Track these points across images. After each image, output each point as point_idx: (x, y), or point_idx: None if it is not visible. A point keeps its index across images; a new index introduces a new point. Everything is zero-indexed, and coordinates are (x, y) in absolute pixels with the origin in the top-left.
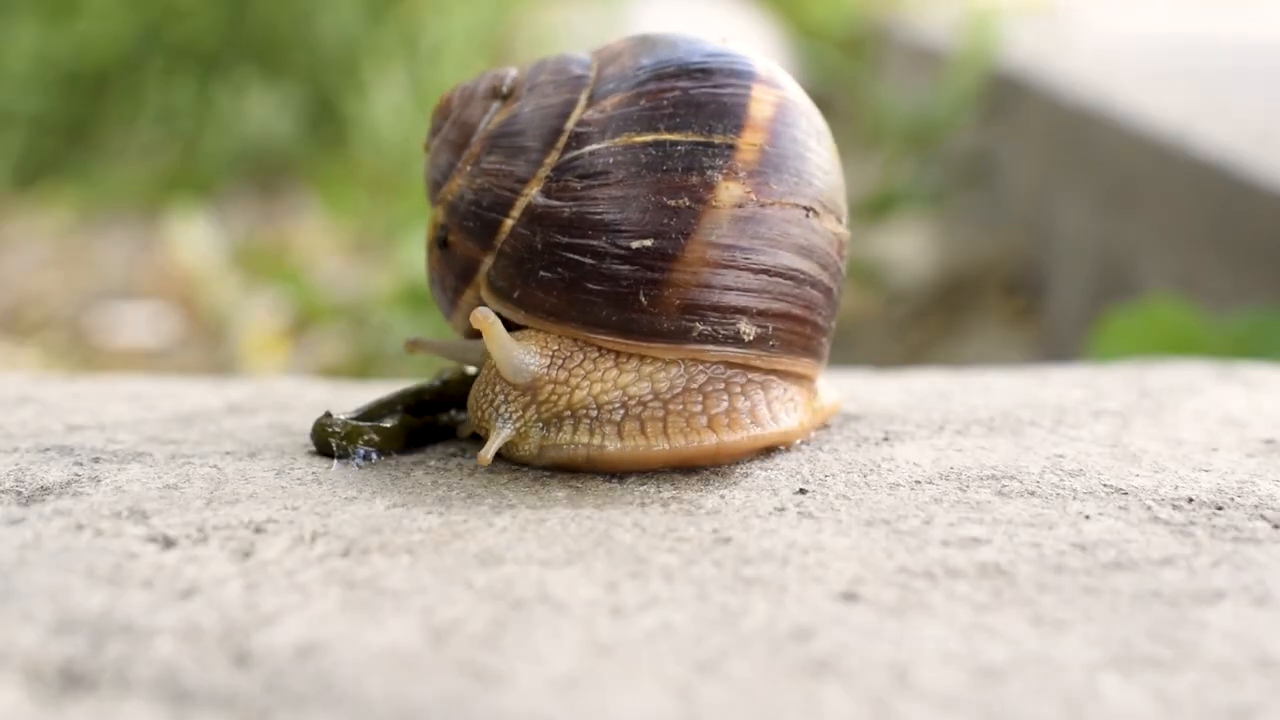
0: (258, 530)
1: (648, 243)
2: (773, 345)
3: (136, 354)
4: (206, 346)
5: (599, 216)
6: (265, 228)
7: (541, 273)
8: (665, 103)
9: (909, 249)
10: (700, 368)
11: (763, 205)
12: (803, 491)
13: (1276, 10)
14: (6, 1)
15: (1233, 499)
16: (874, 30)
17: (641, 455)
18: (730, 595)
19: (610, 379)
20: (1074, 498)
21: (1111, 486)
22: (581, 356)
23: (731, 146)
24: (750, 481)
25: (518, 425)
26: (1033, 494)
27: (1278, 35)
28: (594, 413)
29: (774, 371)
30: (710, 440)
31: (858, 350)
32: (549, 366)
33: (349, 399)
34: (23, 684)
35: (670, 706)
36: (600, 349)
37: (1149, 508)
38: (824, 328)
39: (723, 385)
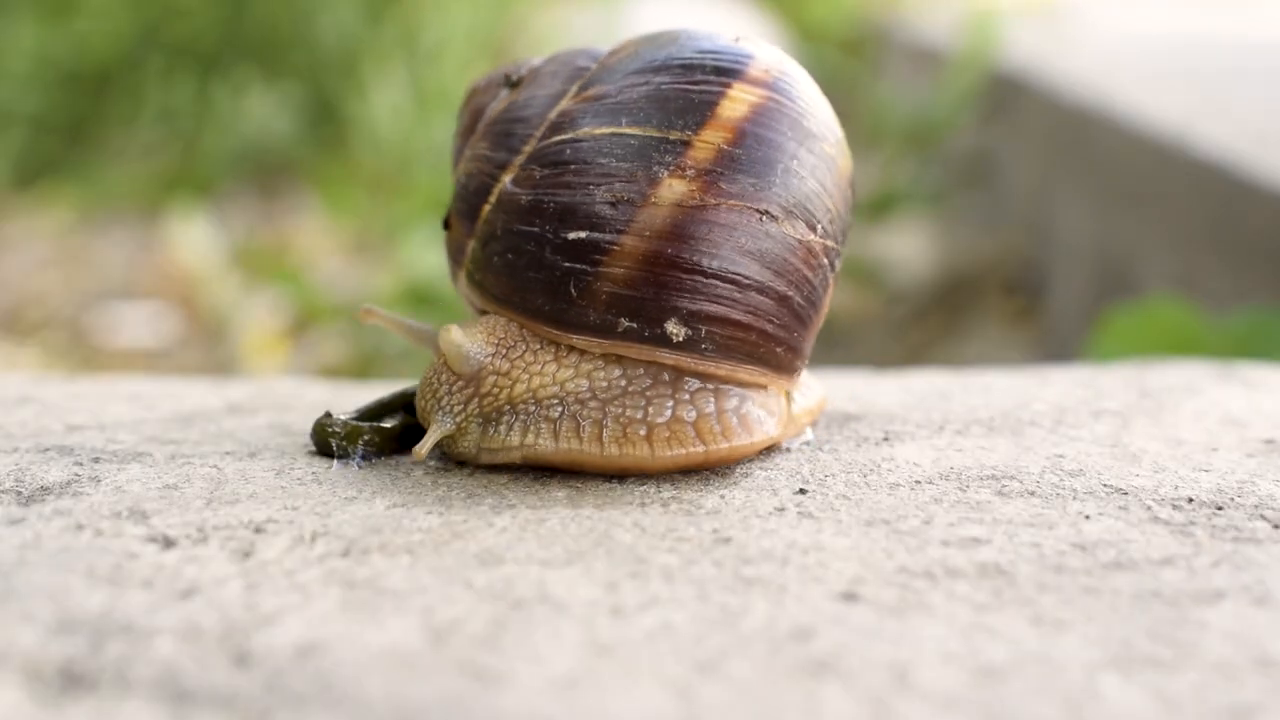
0: (258, 530)
1: (583, 234)
2: (706, 349)
3: (136, 354)
4: (206, 346)
5: (548, 205)
6: (265, 228)
7: (495, 258)
8: (634, 96)
9: (909, 249)
10: (641, 369)
11: (708, 205)
12: (803, 491)
13: (1276, 10)
14: (6, 1)
15: (1233, 499)
16: (874, 30)
17: (575, 459)
18: (730, 595)
19: (549, 373)
20: (1074, 498)
21: (1111, 486)
22: (524, 347)
23: (686, 143)
24: (750, 481)
25: (458, 419)
26: (1033, 494)
27: (1278, 35)
28: (532, 408)
29: (715, 377)
30: (643, 451)
31: (858, 350)
32: (493, 356)
33: (349, 399)
34: (23, 684)
35: (670, 706)
36: (542, 340)
37: (1149, 508)
38: (778, 336)
39: (668, 391)
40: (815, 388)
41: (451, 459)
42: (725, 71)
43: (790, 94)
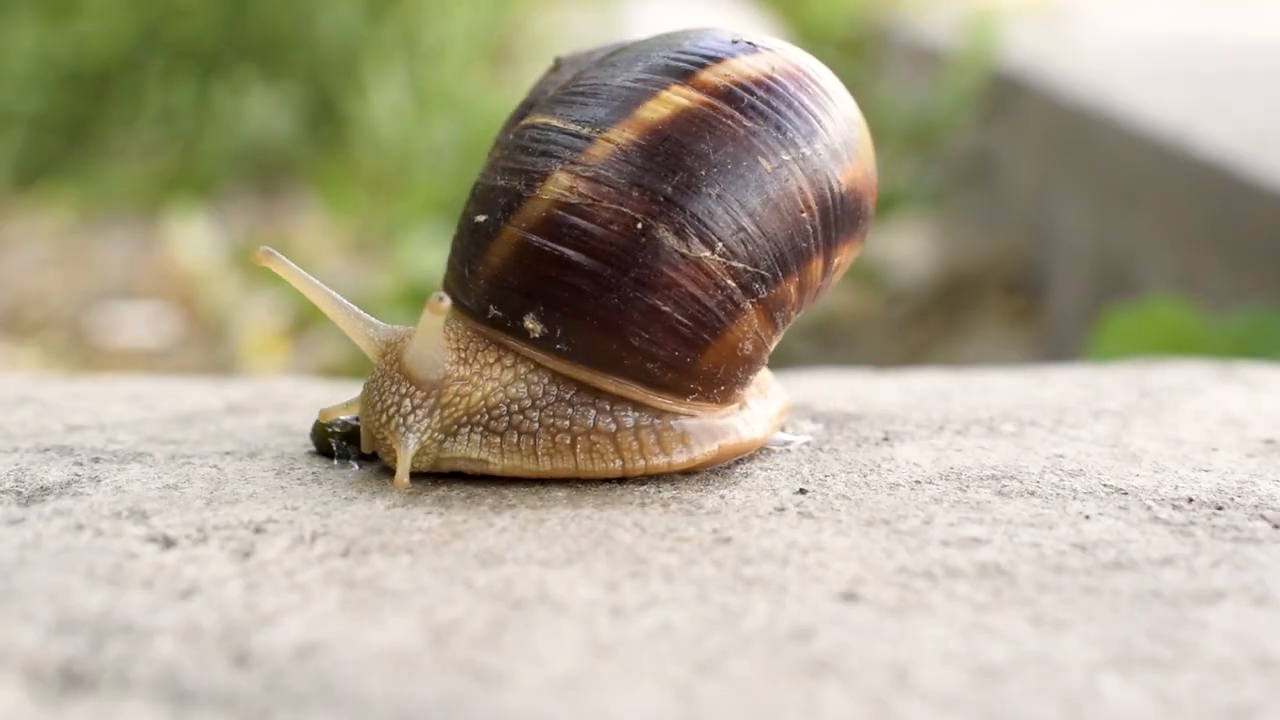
0: (258, 530)
1: (483, 218)
2: (560, 349)
3: (136, 354)
4: (206, 346)
5: (477, 188)
6: (265, 228)
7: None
8: (579, 89)
9: (909, 249)
10: (564, 378)
11: (582, 204)
12: (803, 491)
13: (1276, 10)
14: (6, 1)
15: (1233, 499)
16: (874, 30)
17: (520, 472)
18: (730, 595)
19: (495, 376)
20: (1074, 498)
21: (1111, 486)
22: (476, 347)
23: (589, 140)
24: (750, 481)
25: (422, 437)
26: (1033, 494)
27: (1278, 35)
28: (485, 420)
29: (590, 387)
30: (569, 464)
31: (858, 350)
32: (455, 362)
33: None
34: (23, 684)
35: (670, 706)
36: (486, 339)
37: (1149, 508)
38: (648, 351)
39: (590, 399)
40: (762, 417)
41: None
42: (674, 72)
43: (743, 104)
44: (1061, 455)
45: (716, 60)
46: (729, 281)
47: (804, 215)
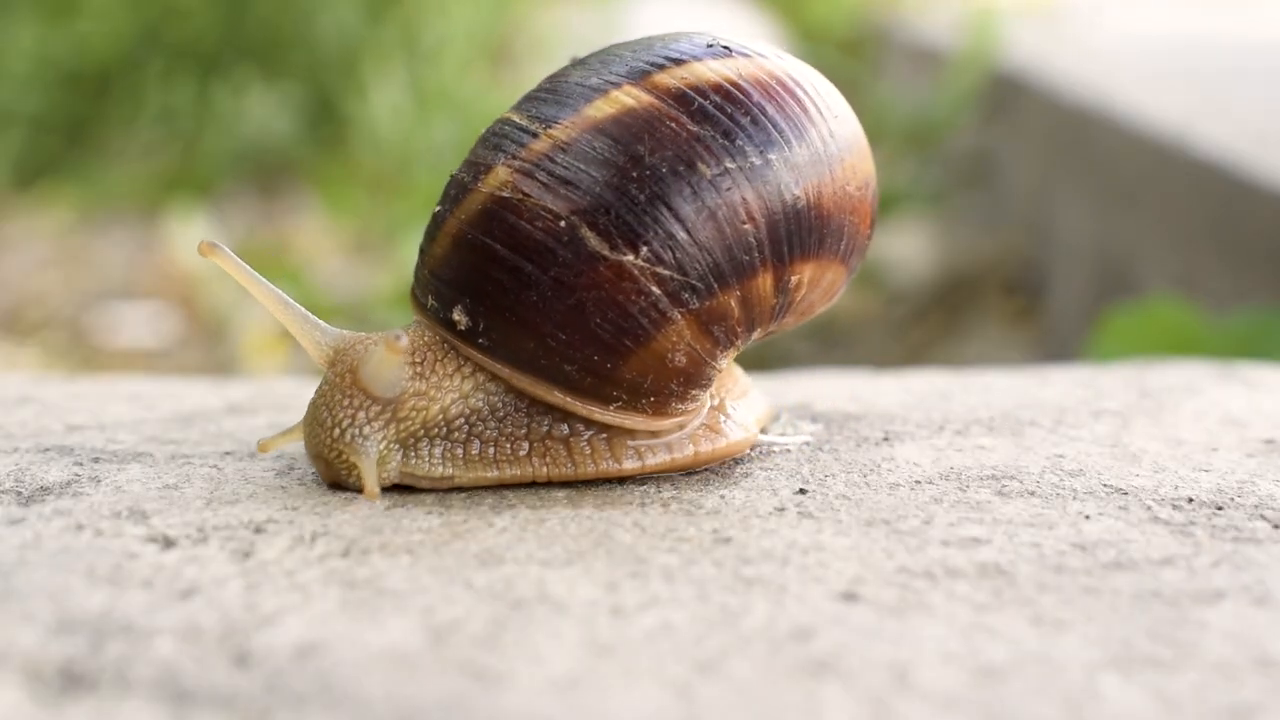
0: (258, 530)
1: (436, 209)
2: (483, 344)
3: (136, 354)
4: (206, 346)
5: (446, 183)
6: (265, 228)
7: None
8: (546, 85)
9: (909, 249)
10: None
11: (513, 198)
12: (803, 491)
13: (1276, 10)
14: (6, 1)
15: (1233, 499)
16: (874, 30)
17: (483, 482)
18: (730, 595)
19: (455, 386)
20: (1074, 498)
21: (1111, 486)
22: (435, 357)
23: (534, 135)
24: (750, 481)
25: (380, 448)
26: (1033, 494)
27: (1278, 35)
28: (445, 431)
29: (516, 388)
30: (527, 470)
31: (858, 350)
32: (413, 377)
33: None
34: (23, 684)
35: (670, 706)
36: (445, 347)
37: (1149, 508)
38: (566, 354)
39: (545, 409)
40: (732, 425)
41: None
42: (633, 73)
43: (692, 108)
44: (1061, 455)
45: (678, 63)
46: (653, 288)
47: (746, 227)
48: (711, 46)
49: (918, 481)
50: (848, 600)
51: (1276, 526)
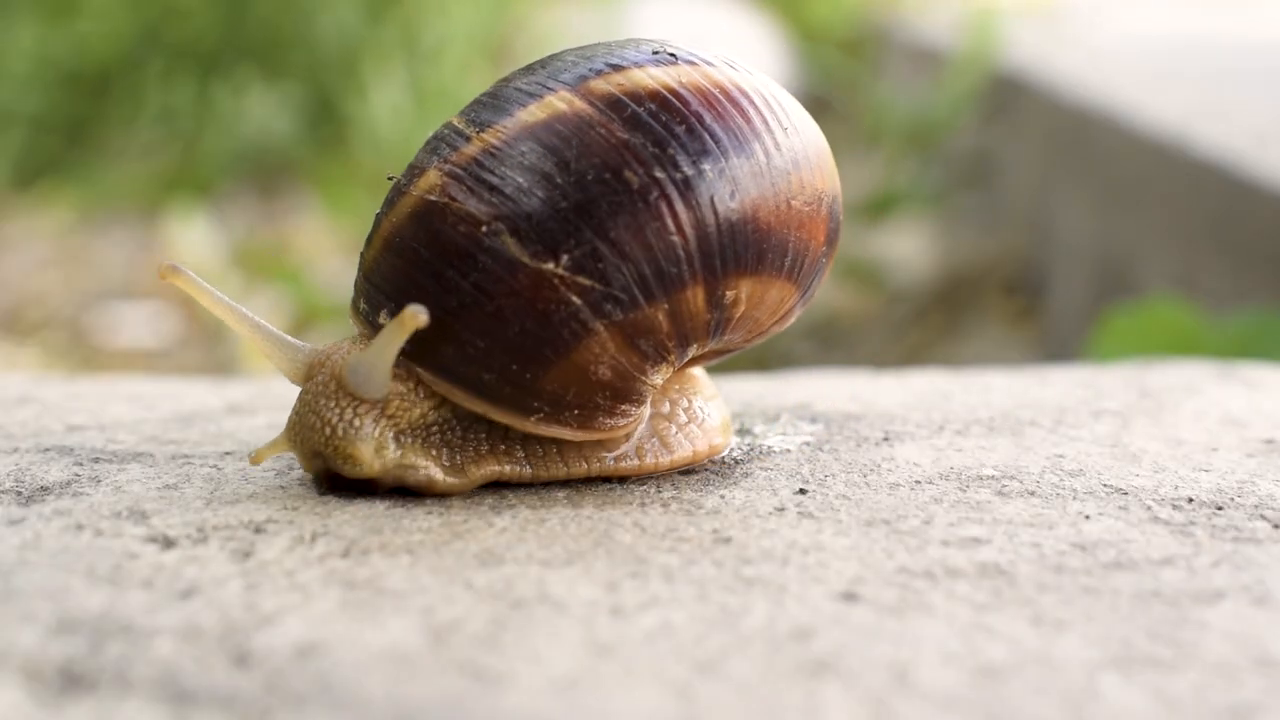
0: (258, 530)
1: (378, 212)
2: (404, 347)
3: (136, 354)
4: (206, 346)
5: None
6: (265, 228)
7: None
8: (491, 90)
9: (909, 249)
10: None
11: (439, 201)
12: (803, 491)
13: (1276, 10)
14: (6, 1)
15: (1233, 499)
16: (874, 30)
17: (456, 488)
18: (730, 595)
19: (434, 394)
20: (1074, 498)
21: (1111, 486)
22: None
23: (466, 139)
24: (750, 481)
25: (375, 435)
26: (1033, 494)
27: (1278, 35)
28: (424, 435)
29: (436, 394)
30: (491, 469)
31: (858, 350)
32: (395, 378)
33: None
34: (23, 684)
35: (670, 706)
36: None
37: (1149, 508)
38: (485, 362)
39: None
40: (683, 440)
41: (358, 481)
42: (572, 78)
43: (625, 114)
44: (1061, 455)
45: (618, 69)
46: (574, 298)
47: (674, 239)
48: (658, 54)
49: (918, 481)
50: (848, 600)
51: (1276, 526)
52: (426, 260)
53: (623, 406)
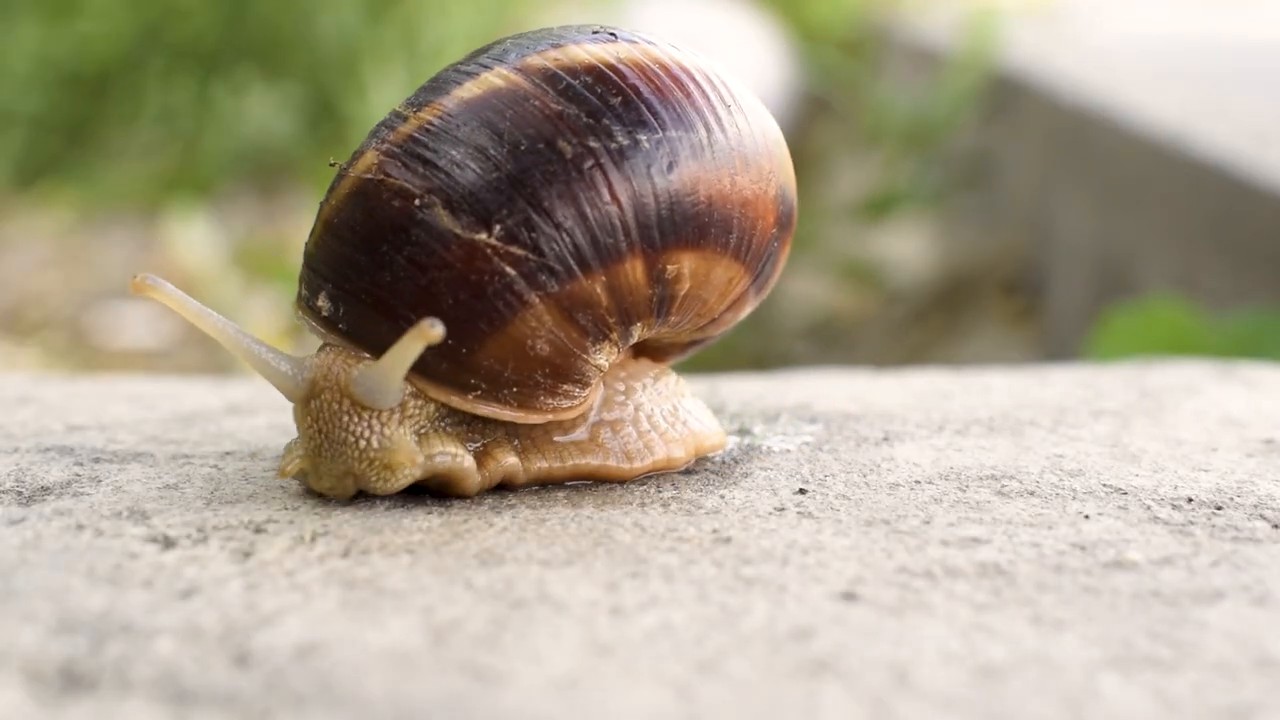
0: (258, 530)
1: (321, 200)
2: (342, 329)
3: (137, 354)
4: (206, 346)
5: None
6: (265, 228)
7: None
8: (434, 75)
9: (909, 249)
10: None
11: (374, 179)
12: (802, 491)
13: (1276, 10)
14: (6, 1)
15: (1232, 499)
16: (874, 30)
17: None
18: (730, 595)
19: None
20: (1074, 498)
21: (1111, 486)
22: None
23: (403, 118)
24: (750, 481)
25: (407, 438)
26: (1032, 494)
27: (1278, 35)
28: (438, 423)
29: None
30: (467, 463)
31: (858, 350)
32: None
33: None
34: (23, 684)
35: (670, 706)
36: None
37: (1149, 507)
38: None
39: None
40: (660, 446)
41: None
42: (511, 57)
43: (560, 86)
44: (1061, 455)
45: (557, 46)
46: (508, 269)
47: (610, 208)
48: (597, 33)
49: (917, 481)
50: (847, 600)
51: (1276, 526)
52: (362, 237)
53: (564, 386)
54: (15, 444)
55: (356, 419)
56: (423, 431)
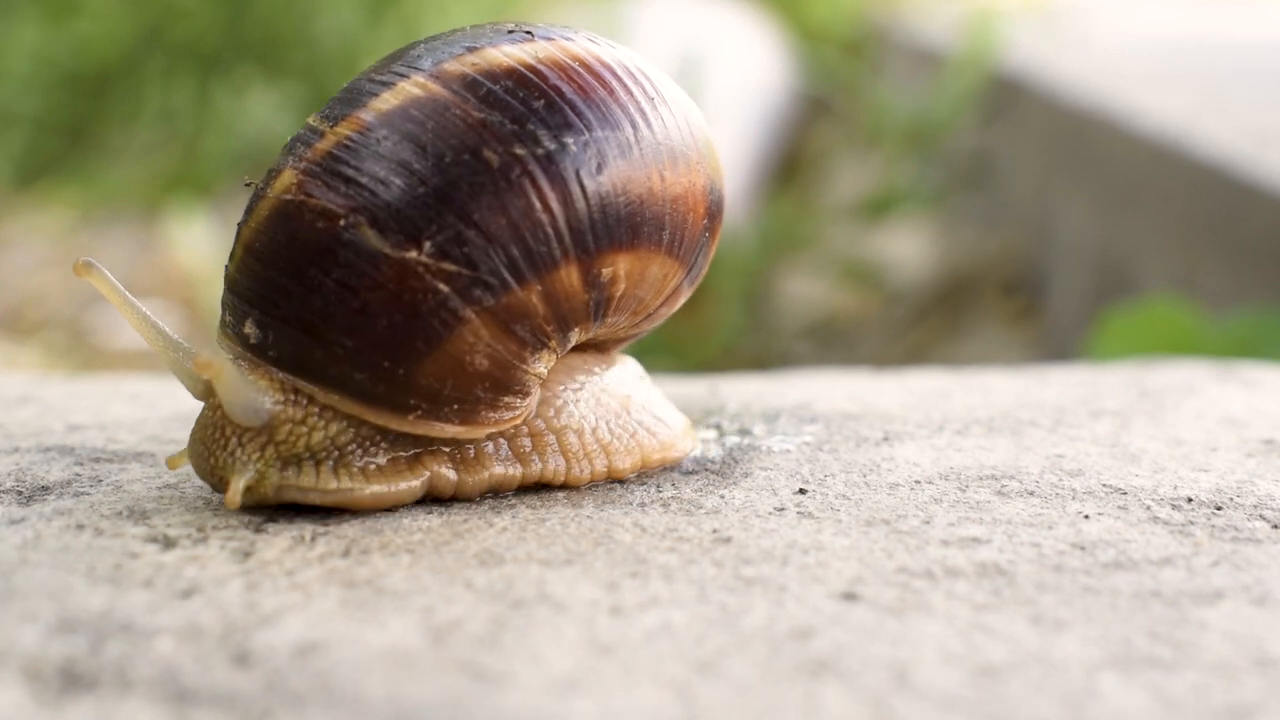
0: (258, 530)
1: (239, 221)
2: (273, 356)
3: (137, 354)
4: (207, 346)
5: None
6: None
7: None
8: (344, 86)
9: (909, 249)
10: None
11: (295, 199)
12: (803, 491)
13: (1276, 10)
14: (6, 1)
15: (1232, 499)
16: (874, 30)
17: (386, 497)
18: (730, 595)
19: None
20: (1073, 498)
21: (1111, 486)
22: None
23: (319, 134)
24: (750, 481)
25: (258, 467)
26: (1032, 494)
27: (1278, 35)
28: (335, 455)
29: (317, 402)
30: (420, 480)
31: (858, 350)
32: (282, 403)
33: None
34: (23, 684)
35: (670, 706)
36: None
37: (1148, 507)
38: (355, 361)
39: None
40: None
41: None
42: (425, 64)
43: (481, 93)
44: (1061, 455)
45: (473, 50)
46: (441, 286)
47: (541, 216)
48: (513, 32)
49: (917, 481)
50: (847, 600)
51: (1276, 526)
52: (287, 261)
53: (505, 398)
54: (15, 444)
55: (220, 438)
56: (299, 462)
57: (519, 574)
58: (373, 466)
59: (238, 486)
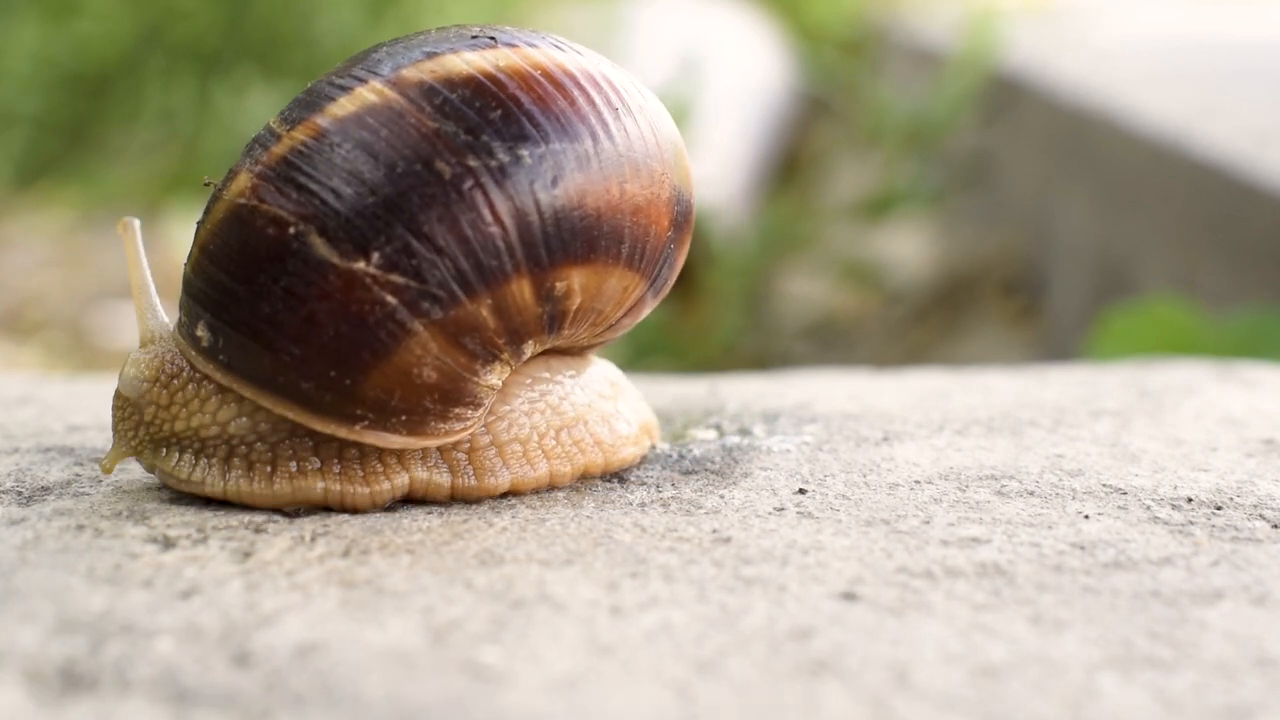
0: (258, 530)
1: (197, 221)
2: (222, 360)
3: None
4: None
5: None
6: None
7: None
8: (306, 87)
9: (909, 249)
10: None
11: (248, 204)
12: (802, 491)
13: (1276, 10)
14: (6, 1)
15: (1232, 499)
16: (874, 30)
17: (247, 497)
18: (730, 595)
19: (210, 411)
20: (1073, 498)
21: (1111, 486)
22: (186, 378)
23: (277, 137)
24: (750, 481)
25: (132, 443)
26: (1032, 494)
27: (1278, 35)
28: (197, 446)
29: (265, 409)
30: (319, 487)
31: (858, 350)
32: (154, 384)
33: None
34: (23, 684)
35: (670, 706)
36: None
37: (1148, 507)
38: (299, 368)
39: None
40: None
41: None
42: (385, 68)
43: (437, 101)
44: (1061, 455)
45: (433, 56)
46: (388, 298)
47: (492, 230)
48: (476, 38)
49: (917, 481)
50: (847, 600)
51: (1276, 526)
52: (239, 265)
53: (455, 410)
54: (15, 444)
55: (114, 399)
56: (161, 443)
57: (519, 574)
58: (259, 466)
59: (112, 455)
